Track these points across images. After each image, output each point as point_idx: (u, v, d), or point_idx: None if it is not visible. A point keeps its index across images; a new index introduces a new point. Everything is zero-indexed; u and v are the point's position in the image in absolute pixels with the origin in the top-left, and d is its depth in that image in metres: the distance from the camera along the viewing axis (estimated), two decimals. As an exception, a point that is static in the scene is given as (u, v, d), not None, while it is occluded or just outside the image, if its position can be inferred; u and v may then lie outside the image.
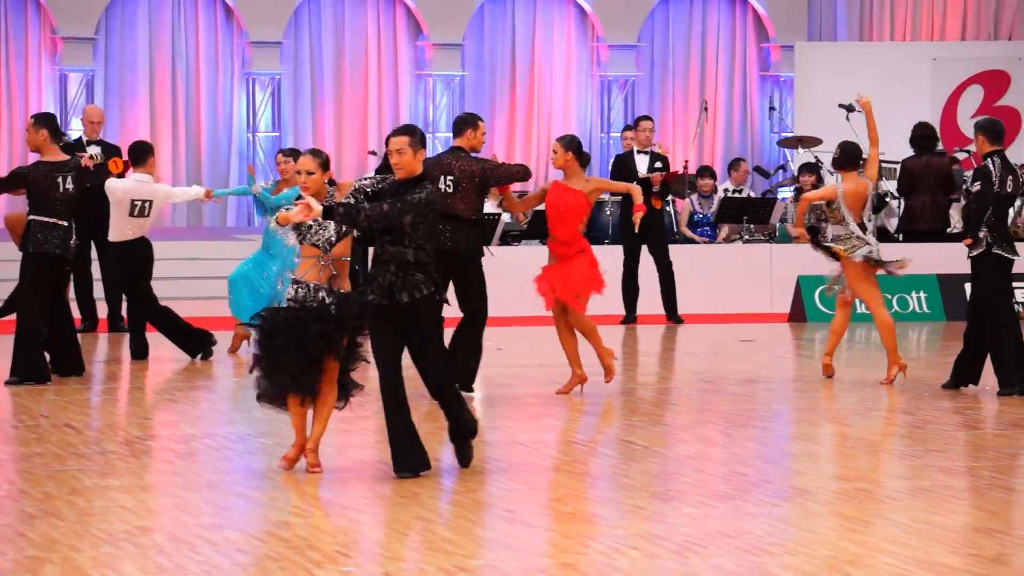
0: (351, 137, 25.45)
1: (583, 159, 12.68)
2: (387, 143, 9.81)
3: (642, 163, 18.24)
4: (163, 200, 14.96)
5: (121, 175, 14.80)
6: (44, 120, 13.18)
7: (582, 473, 9.74)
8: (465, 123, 12.46)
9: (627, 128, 19.76)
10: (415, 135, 9.07)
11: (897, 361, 13.34)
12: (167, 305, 14.95)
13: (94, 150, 16.89)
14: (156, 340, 15.02)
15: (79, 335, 14.07)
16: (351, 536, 7.91)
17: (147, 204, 14.63)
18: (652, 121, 18.89)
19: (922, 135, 19.71)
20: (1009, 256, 12.59)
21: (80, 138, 17.52)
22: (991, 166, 12.58)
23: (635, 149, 18.39)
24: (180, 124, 24.71)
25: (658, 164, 18.19)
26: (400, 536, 7.89)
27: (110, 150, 17.14)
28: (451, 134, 12.99)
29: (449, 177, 12.19)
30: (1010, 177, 12.61)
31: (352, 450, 10.17)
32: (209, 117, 24.87)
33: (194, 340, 14.86)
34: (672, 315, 18.50)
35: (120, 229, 14.69)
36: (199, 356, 14.82)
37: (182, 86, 24.74)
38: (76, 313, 16.25)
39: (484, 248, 12.55)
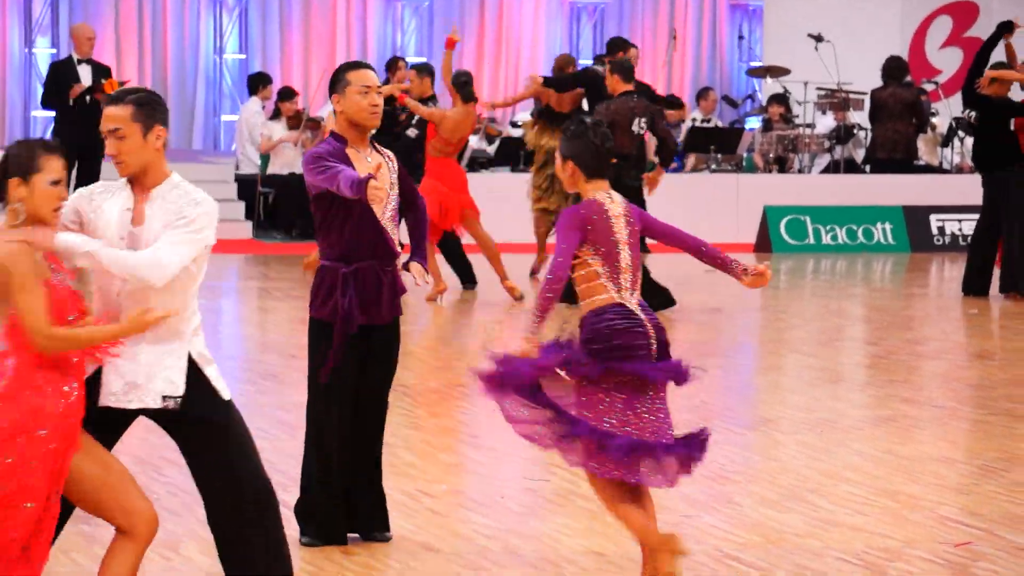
0: (319, 62, 25.26)
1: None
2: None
3: None
4: None
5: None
6: None
7: (547, 400, 9.76)
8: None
9: (598, 58, 19.65)
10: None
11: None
12: None
13: (84, 70, 16.67)
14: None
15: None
16: (316, 460, 7.89)
17: None
18: (637, 48, 18.77)
19: (893, 66, 19.80)
20: None
21: (70, 56, 17.25)
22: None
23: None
24: (146, 46, 24.47)
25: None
26: (365, 461, 7.89)
27: (100, 70, 16.91)
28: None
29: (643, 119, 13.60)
30: None
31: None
32: (176, 39, 24.63)
33: None
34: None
35: None
36: None
37: (148, 7, 24.47)
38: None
39: None
